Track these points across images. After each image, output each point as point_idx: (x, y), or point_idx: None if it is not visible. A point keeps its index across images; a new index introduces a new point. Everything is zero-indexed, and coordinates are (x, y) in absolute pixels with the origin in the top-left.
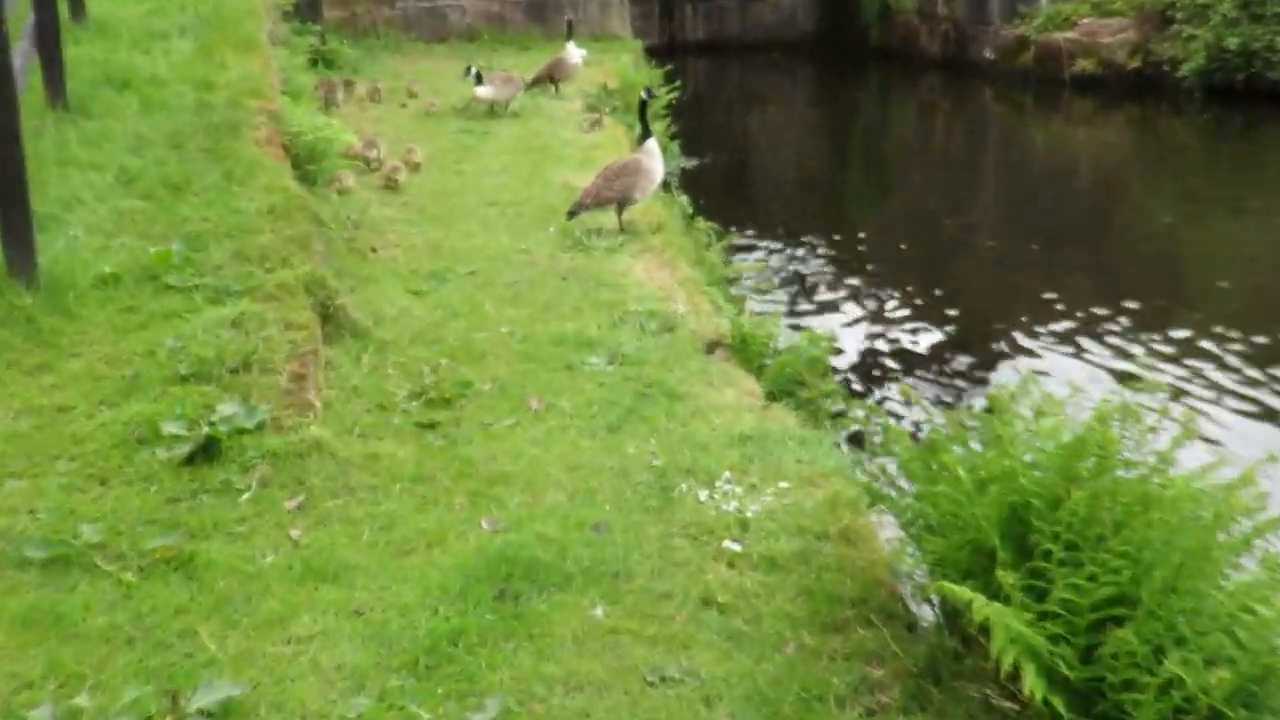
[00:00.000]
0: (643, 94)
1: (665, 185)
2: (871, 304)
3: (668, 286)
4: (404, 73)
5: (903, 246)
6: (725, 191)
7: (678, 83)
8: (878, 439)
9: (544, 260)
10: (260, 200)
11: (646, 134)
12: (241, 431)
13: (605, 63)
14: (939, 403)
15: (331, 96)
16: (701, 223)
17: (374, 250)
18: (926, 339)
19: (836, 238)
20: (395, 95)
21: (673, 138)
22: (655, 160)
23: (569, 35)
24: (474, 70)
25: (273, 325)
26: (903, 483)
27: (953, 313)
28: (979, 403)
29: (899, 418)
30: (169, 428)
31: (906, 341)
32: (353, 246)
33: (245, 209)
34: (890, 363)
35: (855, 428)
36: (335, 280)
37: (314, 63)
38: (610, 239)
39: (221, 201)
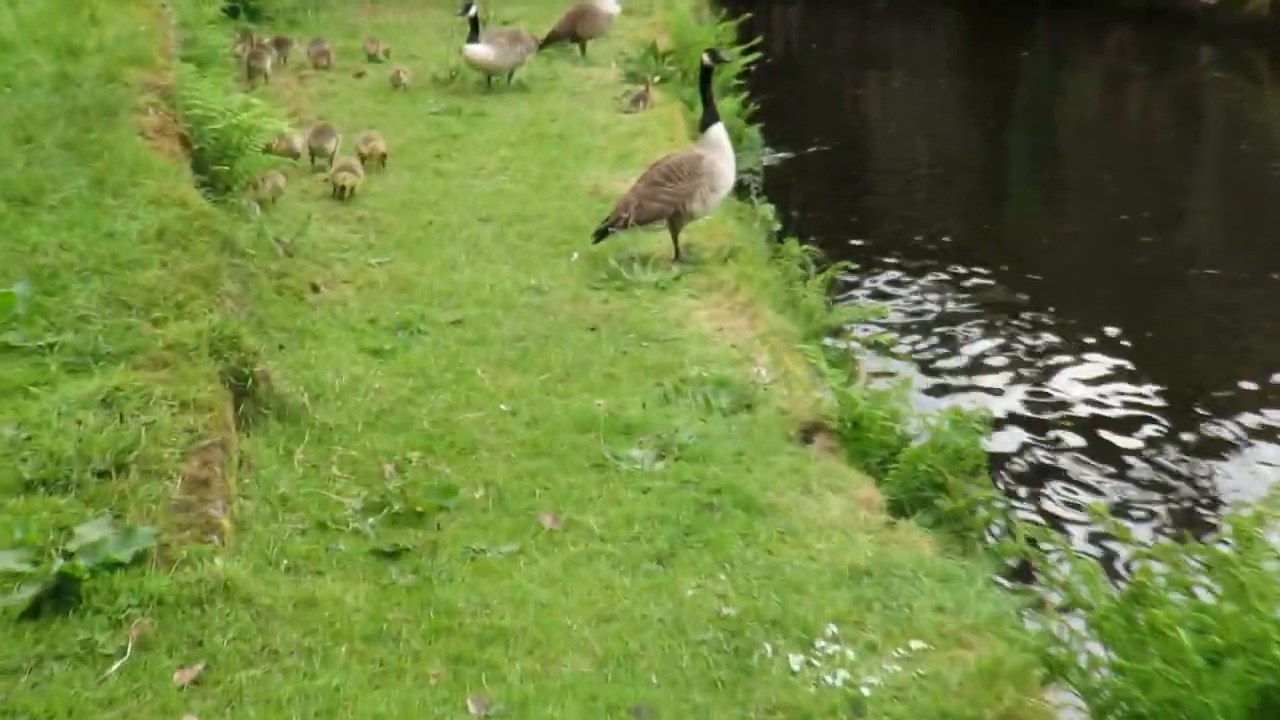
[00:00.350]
0: (705, 58)
1: (740, 189)
2: (1042, 364)
3: (744, 341)
4: (362, 27)
5: (1084, 279)
6: (829, 199)
7: (758, 39)
8: (1057, 578)
9: (563, 303)
10: (146, 219)
11: (711, 117)
12: (111, 566)
13: (654, 11)
14: (1145, 522)
15: (257, 63)
16: (794, 246)
17: (315, 289)
18: (1122, 418)
19: (991, 267)
20: (349, 59)
21: (751, 120)
22: (723, 155)
23: None
24: (472, 9)
25: (161, 405)
26: (1096, 648)
27: (1159, 377)
28: (1208, 526)
29: (1087, 544)
30: (3, 561)
31: (1094, 422)
32: (283, 284)
33: (123, 232)
34: (1071, 456)
35: (1022, 559)
36: (255, 336)
37: (233, 13)
38: (660, 271)
39: (89, 221)
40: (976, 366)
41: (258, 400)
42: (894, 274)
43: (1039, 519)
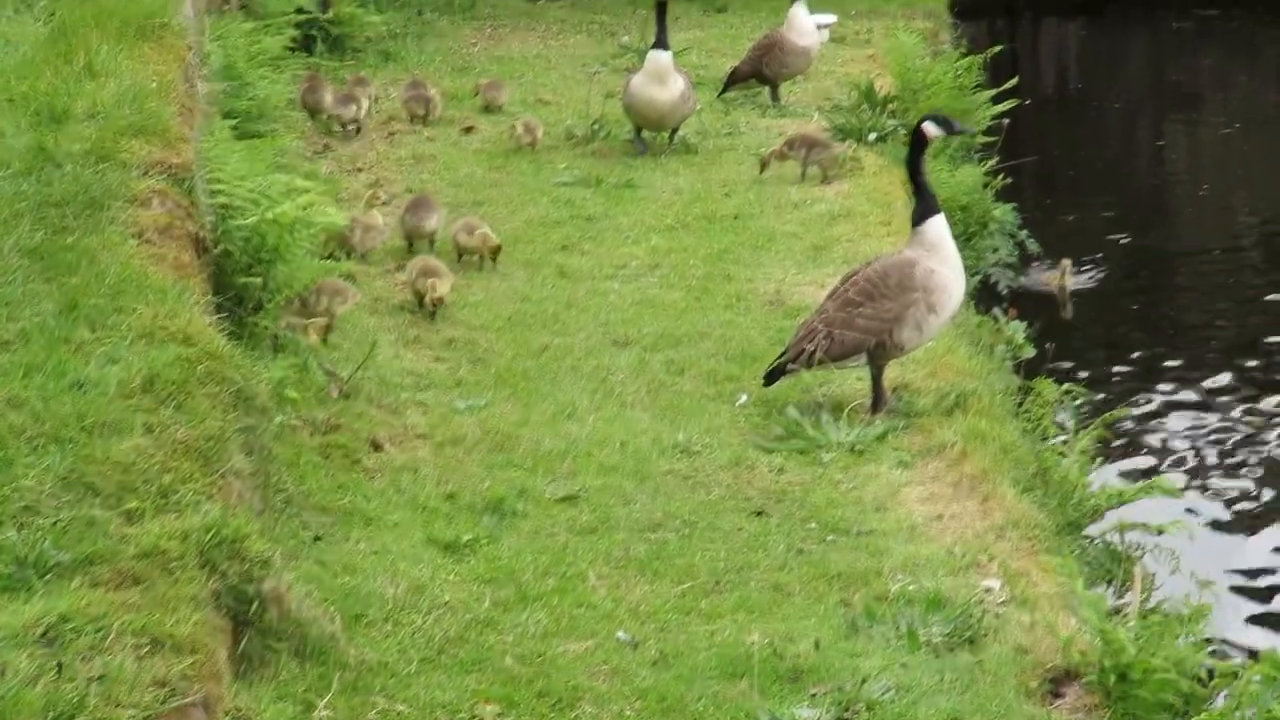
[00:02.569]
0: (928, 128)
1: (979, 294)
2: None
3: (971, 538)
4: (476, 61)
5: None
6: (1111, 299)
7: (1013, 82)
8: None
9: (719, 471)
10: (130, 362)
11: (929, 207)
12: None
13: (873, 39)
14: None
15: (338, 110)
16: (1049, 387)
17: (376, 447)
18: None
19: None
20: (456, 107)
21: (1001, 195)
22: (945, 260)
23: None
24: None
25: (123, 643)
26: None
27: None
28: None
29: None
30: None
31: None
32: (332, 442)
33: (97, 381)
34: None
35: None
36: (274, 532)
37: (308, 45)
38: (857, 426)
39: (52, 365)
40: None
41: (266, 632)
42: (1204, 417)
43: None
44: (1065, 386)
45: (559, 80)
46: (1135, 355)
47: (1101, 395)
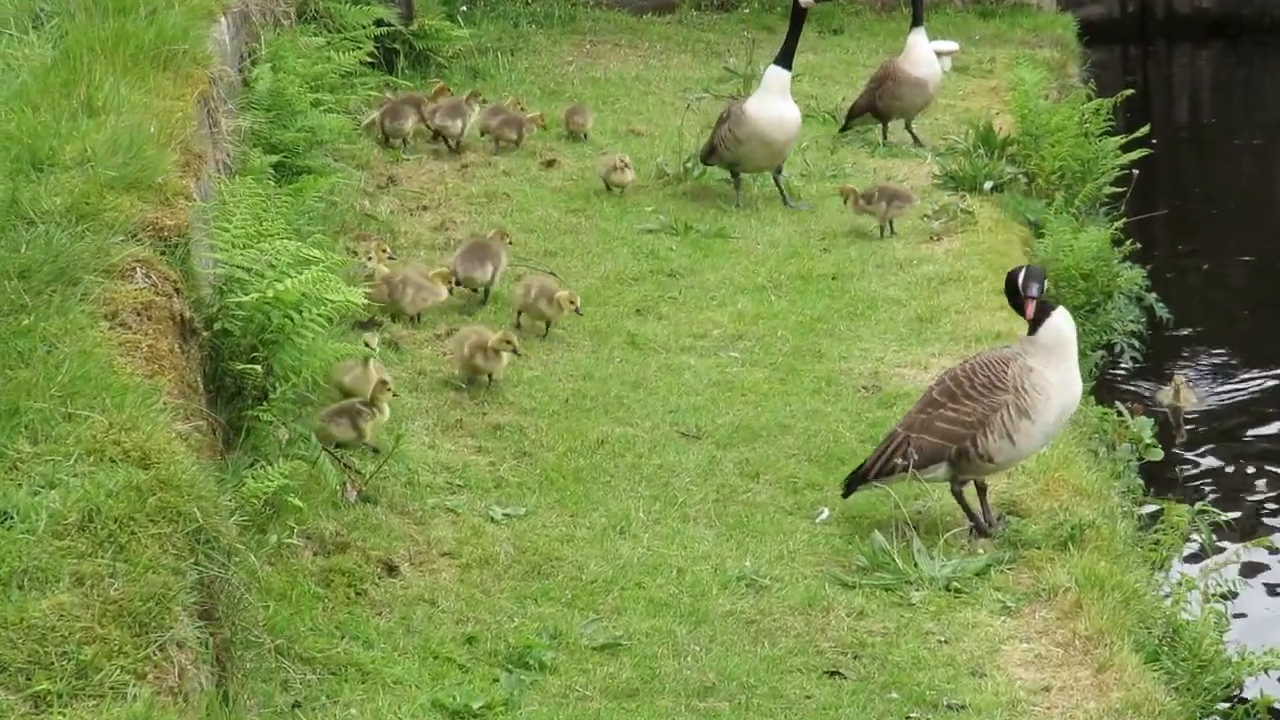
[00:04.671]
0: (1024, 289)
1: (1094, 378)
2: None
3: None
4: (569, 82)
5: None
6: (1257, 381)
7: (1144, 130)
8: None
9: (789, 614)
10: (71, 488)
11: (1042, 310)
12: None
13: (995, 70)
14: None
15: (443, 122)
16: (1180, 511)
17: (390, 570)
18: None
19: None
20: (543, 135)
21: (1130, 257)
22: (1054, 364)
23: (916, 12)
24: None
25: None
26: None
27: None
28: None
29: None
30: None
31: None
32: (336, 566)
33: (25, 514)
34: None
35: None
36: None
37: (388, 61)
38: (954, 559)
39: None
40: None
41: None
42: None
43: None
44: (1198, 507)
45: (655, 107)
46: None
47: (1237, 513)
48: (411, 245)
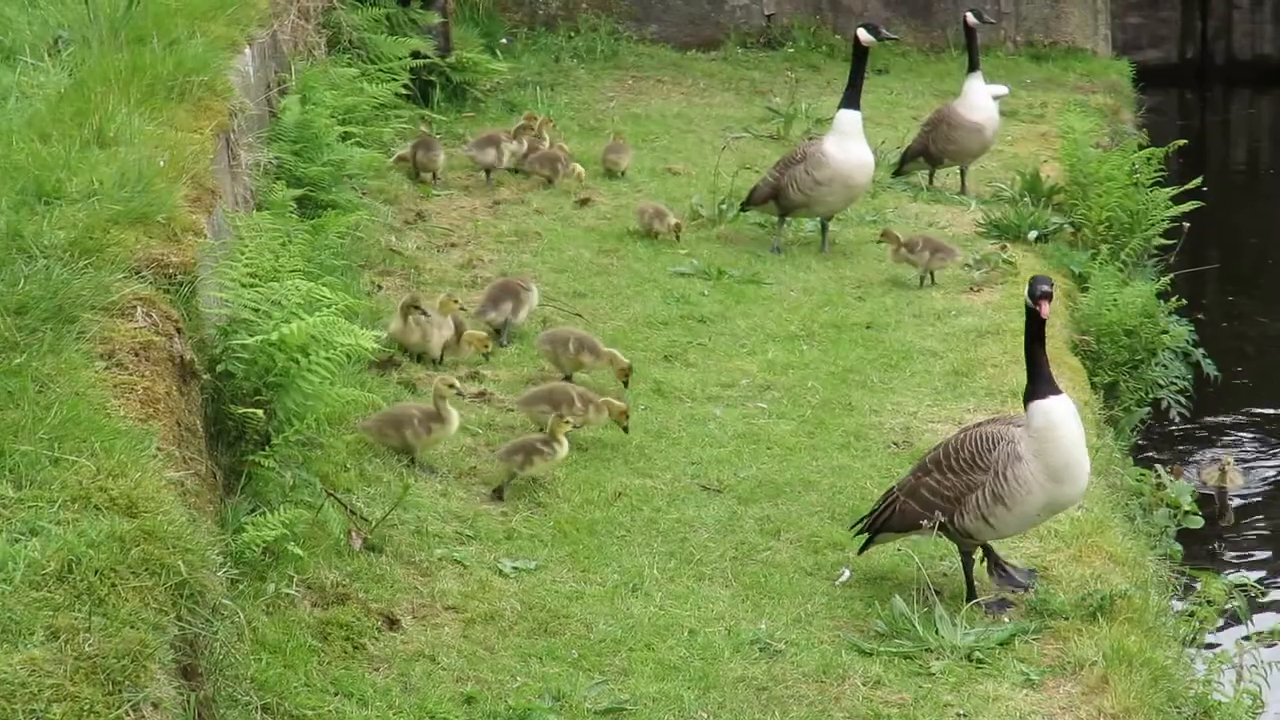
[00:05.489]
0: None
1: (1138, 435)
2: None
3: None
4: (609, 118)
5: None
6: None
7: (1198, 181)
8: None
9: (803, 683)
10: (51, 537)
11: (1039, 388)
12: None
13: (1047, 114)
14: None
15: (473, 152)
16: (1215, 583)
17: (392, 624)
18: None
19: None
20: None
21: (1176, 313)
22: (1045, 453)
23: (972, 57)
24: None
25: None
26: None
27: None
28: None
29: None
30: None
31: None
32: (335, 618)
33: (4, 562)
34: None
35: None
36: None
37: (423, 92)
38: (977, 626)
39: None
40: None
41: None
42: None
43: None
44: (1236, 580)
45: (695, 146)
46: None
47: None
48: (436, 282)
